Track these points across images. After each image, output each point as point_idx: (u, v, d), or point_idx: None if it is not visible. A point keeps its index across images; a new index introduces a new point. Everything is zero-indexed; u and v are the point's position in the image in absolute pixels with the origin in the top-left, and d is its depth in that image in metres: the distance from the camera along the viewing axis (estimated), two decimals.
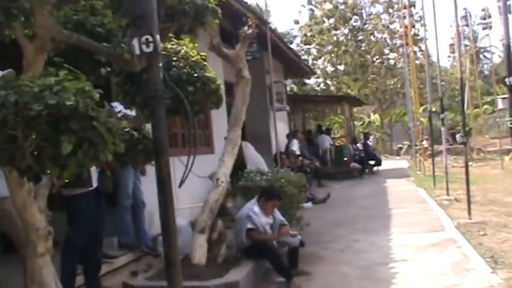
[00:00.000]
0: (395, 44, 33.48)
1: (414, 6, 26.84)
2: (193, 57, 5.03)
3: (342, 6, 34.67)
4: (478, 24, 29.45)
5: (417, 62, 26.14)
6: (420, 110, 21.82)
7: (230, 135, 6.67)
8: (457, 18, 10.77)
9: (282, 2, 71.84)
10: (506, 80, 6.82)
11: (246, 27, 6.70)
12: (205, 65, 5.13)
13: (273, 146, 14.44)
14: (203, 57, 5.20)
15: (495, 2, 23.96)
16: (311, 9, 34.82)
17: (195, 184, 6.41)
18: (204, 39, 6.18)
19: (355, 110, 28.04)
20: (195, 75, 4.88)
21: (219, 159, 6.60)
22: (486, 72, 41.95)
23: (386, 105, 37.10)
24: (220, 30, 6.71)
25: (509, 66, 6.89)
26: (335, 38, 34.83)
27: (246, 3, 10.20)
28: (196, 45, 5.18)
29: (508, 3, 9.82)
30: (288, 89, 24.14)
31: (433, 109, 16.24)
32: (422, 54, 29.00)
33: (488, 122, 29.29)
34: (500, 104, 23.05)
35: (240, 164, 8.78)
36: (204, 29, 4.56)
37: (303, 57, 28.46)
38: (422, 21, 27.19)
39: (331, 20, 34.58)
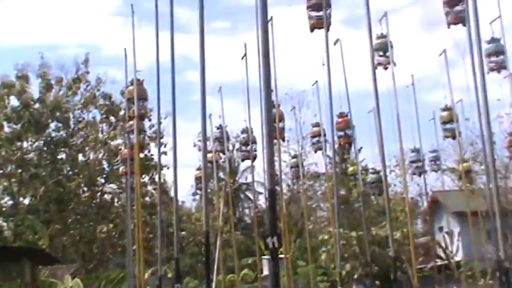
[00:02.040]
0: (116, 168, 31.97)
1: (149, 118, 25.34)
2: None
3: (37, 105, 32.64)
4: (237, 150, 29.92)
5: (147, 199, 25.15)
6: (146, 275, 21.46)
7: None
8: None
9: None
10: (268, 240, 6.90)
11: None
12: None
13: None
14: None
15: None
16: None
17: None
18: None
19: (45, 272, 26.87)
20: None
21: None
22: (248, 220, 42.59)
23: (95, 264, 34.84)
24: None
25: (272, 221, 7.16)
26: (19, 153, 32.41)
27: None
28: None
29: None
30: None
31: (168, 273, 13.96)
32: (155, 188, 28.41)
33: None
34: (265, 268, 23.32)
35: None
36: None
37: None
38: (158, 140, 26.07)
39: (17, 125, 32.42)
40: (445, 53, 23.01)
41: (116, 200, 34.19)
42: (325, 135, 24.18)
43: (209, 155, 25.20)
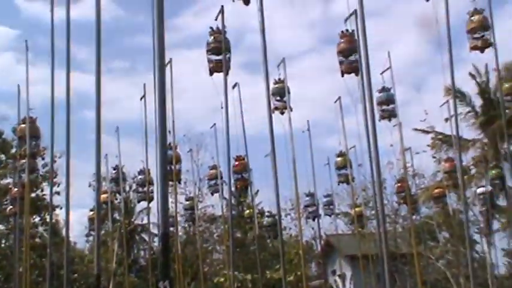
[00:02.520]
0: (3, 208, 29.57)
1: (42, 157, 24.45)
2: None
3: None
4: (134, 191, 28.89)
5: (37, 240, 23.89)
6: None
7: None
8: None
9: None
10: (160, 285, 6.81)
11: None
12: None
13: None
14: None
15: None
16: None
17: None
18: None
19: None
20: None
21: None
22: (143, 262, 40.93)
23: None
24: None
25: (164, 265, 7.03)
26: None
27: None
28: None
29: None
30: None
31: None
32: (46, 229, 25.75)
33: None
34: None
35: None
36: None
37: None
38: (50, 179, 24.42)
39: None
40: (340, 100, 23.51)
41: (3, 241, 32.08)
42: (222, 177, 24.11)
43: (104, 196, 24.48)
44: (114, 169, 25.64)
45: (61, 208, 26.93)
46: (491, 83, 28.89)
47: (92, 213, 25.33)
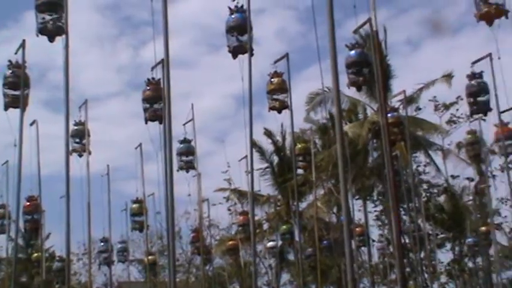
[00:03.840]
0: None
1: None
2: None
3: None
4: None
5: None
6: None
7: None
8: None
9: None
10: None
11: None
12: None
13: None
14: None
15: None
16: None
17: None
18: None
19: None
20: None
21: None
22: None
23: None
24: None
25: None
26: None
27: None
28: None
29: None
30: None
31: None
32: None
33: None
34: None
35: None
36: None
37: None
38: None
39: None
40: (141, 146, 23.48)
41: None
42: (9, 217, 22.78)
43: None
44: None
45: None
46: (287, 142, 30.35)
47: None
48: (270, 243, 27.35)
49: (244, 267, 29.89)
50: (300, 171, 23.78)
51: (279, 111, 17.96)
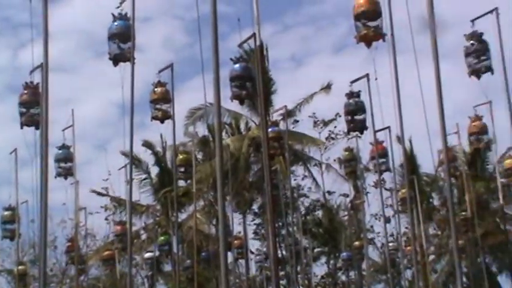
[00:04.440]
0: None
1: None
2: None
3: None
4: None
5: None
6: None
7: None
8: None
9: None
10: None
11: None
12: None
13: None
14: None
15: None
16: None
17: None
18: None
19: None
20: None
21: None
22: None
23: None
24: None
25: None
26: None
27: None
28: None
29: None
30: None
31: None
32: None
33: None
34: None
35: None
36: None
37: None
38: None
39: None
40: (16, 151, 22.56)
41: None
42: None
43: None
44: None
45: None
46: (168, 154, 30.15)
47: None
48: (148, 254, 27.06)
49: (121, 278, 29.31)
50: (180, 182, 23.70)
51: (162, 121, 17.86)
